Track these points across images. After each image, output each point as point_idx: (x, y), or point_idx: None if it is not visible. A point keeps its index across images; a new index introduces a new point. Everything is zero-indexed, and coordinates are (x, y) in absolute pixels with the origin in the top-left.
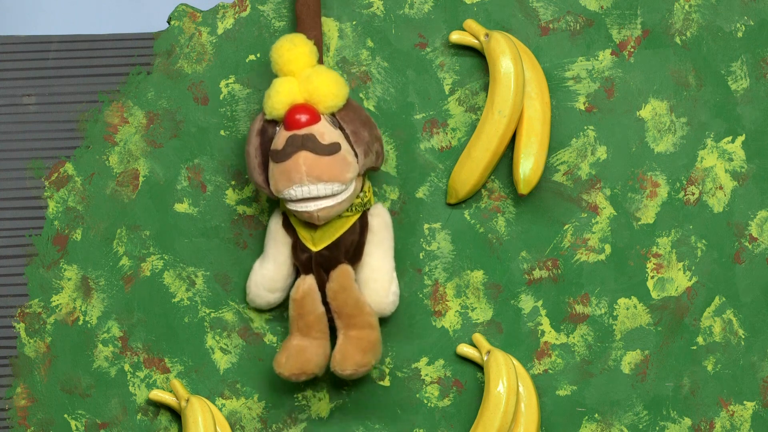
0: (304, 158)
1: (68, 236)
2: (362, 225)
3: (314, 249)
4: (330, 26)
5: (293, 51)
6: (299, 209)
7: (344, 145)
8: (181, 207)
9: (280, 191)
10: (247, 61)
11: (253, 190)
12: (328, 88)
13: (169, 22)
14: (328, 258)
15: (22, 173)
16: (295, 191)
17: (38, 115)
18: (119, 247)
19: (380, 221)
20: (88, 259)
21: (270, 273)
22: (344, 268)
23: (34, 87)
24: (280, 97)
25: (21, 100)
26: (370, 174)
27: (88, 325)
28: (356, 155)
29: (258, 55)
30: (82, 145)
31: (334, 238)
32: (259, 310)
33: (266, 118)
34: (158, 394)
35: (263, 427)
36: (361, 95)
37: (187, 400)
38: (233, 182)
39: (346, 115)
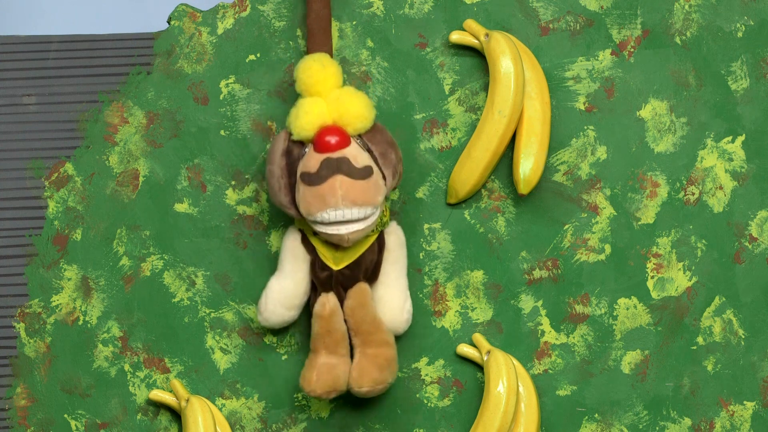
0: (340, 182)
1: (68, 236)
2: (380, 244)
3: (335, 268)
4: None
5: (322, 72)
6: (330, 232)
7: (374, 167)
8: (181, 207)
9: (312, 214)
10: (247, 61)
11: (253, 190)
12: (357, 110)
13: (169, 22)
14: (349, 277)
15: (22, 173)
16: (329, 214)
17: (38, 115)
18: (119, 247)
19: (396, 239)
20: (88, 259)
21: (289, 290)
22: (362, 286)
23: (34, 87)
24: (310, 118)
25: (21, 100)
26: None
27: (88, 325)
28: (384, 177)
29: (258, 55)
30: (82, 145)
31: (354, 258)
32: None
33: (292, 138)
34: (158, 394)
35: (263, 427)
36: None
37: (187, 400)
38: (233, 182)
39: (373, 137)
